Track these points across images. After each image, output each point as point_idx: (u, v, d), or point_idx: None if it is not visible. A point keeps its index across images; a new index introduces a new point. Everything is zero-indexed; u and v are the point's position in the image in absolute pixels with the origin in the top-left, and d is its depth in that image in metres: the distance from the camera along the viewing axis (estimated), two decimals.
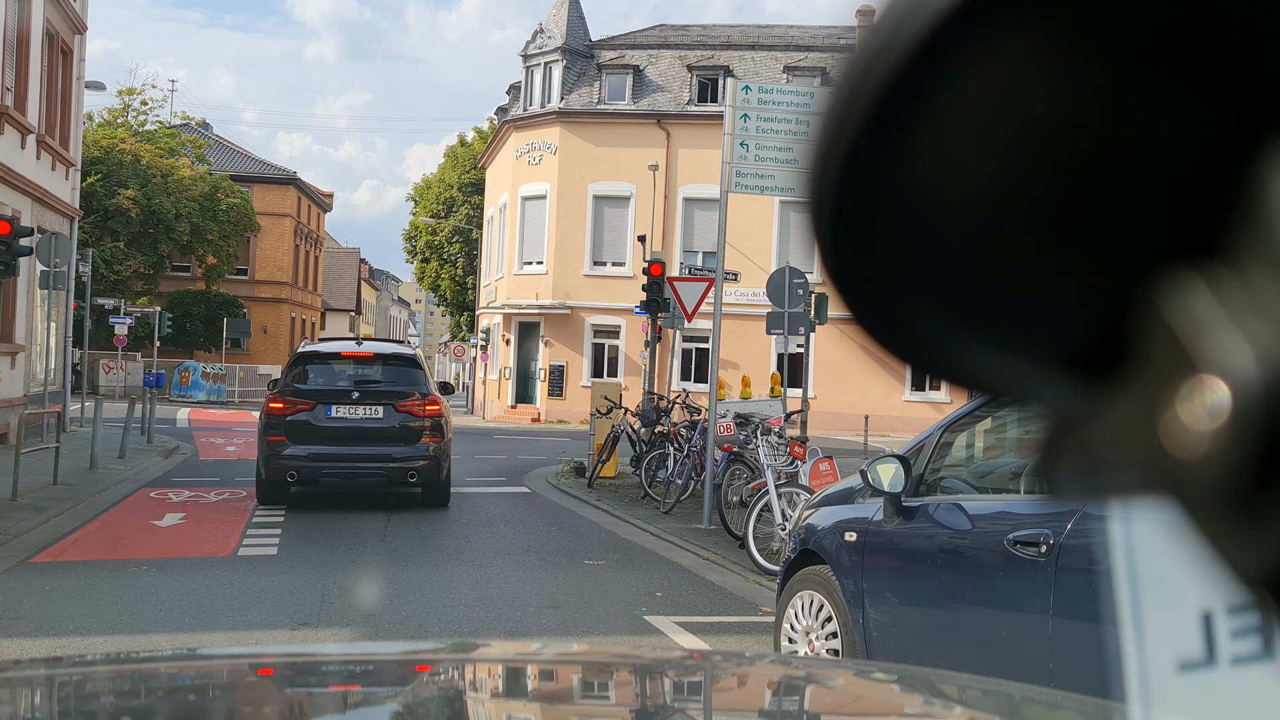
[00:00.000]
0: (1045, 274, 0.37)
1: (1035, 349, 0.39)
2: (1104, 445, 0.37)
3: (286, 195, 51.55)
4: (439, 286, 54.16)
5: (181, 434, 23.69)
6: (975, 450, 5.40)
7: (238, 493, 13.78)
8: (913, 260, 0.38)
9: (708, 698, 1.95)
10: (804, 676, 2.16)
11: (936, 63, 0.34)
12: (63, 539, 10.38)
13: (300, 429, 12.12)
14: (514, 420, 35.84)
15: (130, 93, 45.13)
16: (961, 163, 0.36)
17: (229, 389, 41.79)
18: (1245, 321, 0.33)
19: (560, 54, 36.13)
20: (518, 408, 36.70)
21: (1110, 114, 0.34)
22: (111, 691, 1.82)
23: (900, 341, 0.40)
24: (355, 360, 12.67)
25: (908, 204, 0.37)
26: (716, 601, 8.55)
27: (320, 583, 8.57)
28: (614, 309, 34.98)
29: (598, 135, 35.55)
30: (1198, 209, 0.35)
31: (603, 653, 3.15)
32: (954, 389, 0.42)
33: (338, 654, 2.66)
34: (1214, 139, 0.34)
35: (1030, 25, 0.34)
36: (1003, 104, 0.34)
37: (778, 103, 11.88)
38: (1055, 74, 0.34)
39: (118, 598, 7.99)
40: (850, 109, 0.36)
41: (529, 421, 35.31)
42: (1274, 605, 0.33)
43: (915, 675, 2.37)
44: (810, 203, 0.38)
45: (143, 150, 41.33)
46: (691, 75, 35.61)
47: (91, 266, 36.52)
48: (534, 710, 1.92)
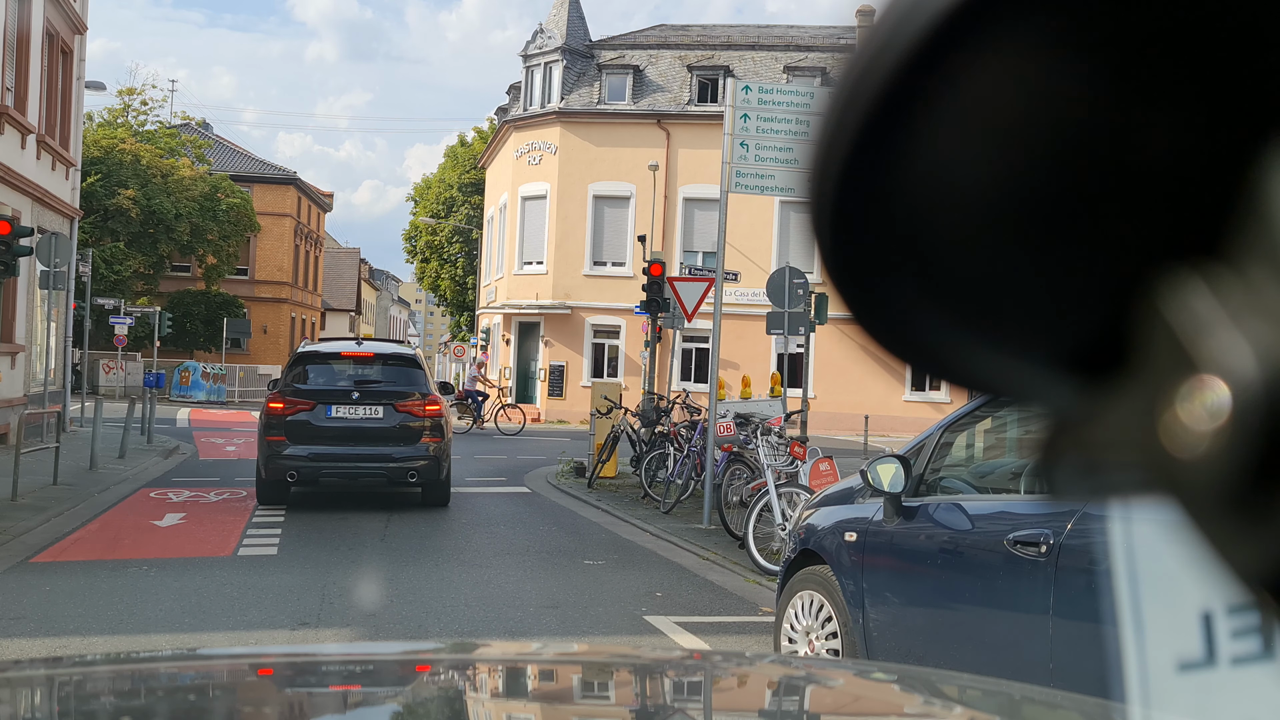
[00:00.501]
0: (1045, 274, 0.37)
1: (1035, 349, 0.39)
2: (1104, 445, 0.37)
3: (286, 195, 51.58)
4: (439, 286, 54.18)
5: (181, 434, 23.69)
6: (975, 450, 5.41)
7: (238, 493, 13.77)
8: (913, 260, 0.38)
9: (708, 698, 1.95)
10: (804, 676, 2.15)
11: (937, 63, 0.34)
12: (63, 539, 10.38)
13: (300, 429, 12.10)
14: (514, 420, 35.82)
15: (130, 93, 45.13)
16: (961, 163, 0.36)
17: (229, 389, 41.77)
18: (1245, 321, 0.32)
19: (560, 54, 36.14)
20: (518, 407, 36.67)
21: (1110, 114, 0.34)
22: (111, 691, 1.82)
23: (900, 341, 0.40)
24: (355, 360, 12.66)
25: (908, 204, 0.37)
26: (716, 601, 8.55)
27: (320, 583, 8.57)
28: (614, 309, 34.98)
29: (598, 135, 35.55)
30: (1198, 209, 0.35)
31: (603, 653, 3.15)
32: (954, 389, 0.42)
33: (338, 654, 2.66)
34: (1214, 139, 0.34)
35: (1030, 25, 0.33)
36: (1003, 104, 0.34)
37: (778, 103, 11.88)
38: (1055, 73, 0.34)
39: (118, 598, 7.99)
40: (850, 109, 0.36)
41: (529, 421, 35.29)
42: (1274, 605, 0.33)
43: (915, 675, 2.36)
44: (810, 202, 0.38)
45: (143, 150, 41.33)
46: (691, 75, 35.62)
47: (91, 266, 36.58)
48: (534, 710, 1.92)
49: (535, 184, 36.45)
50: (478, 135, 52.80)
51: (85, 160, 39.88)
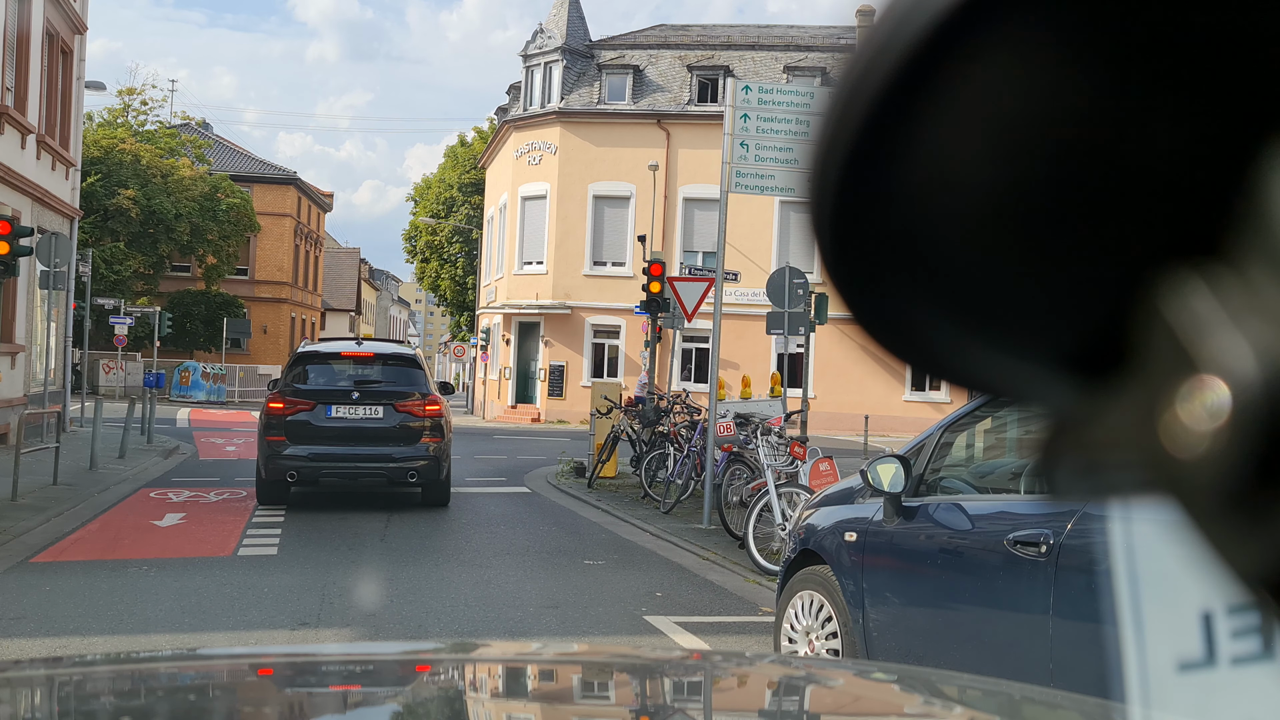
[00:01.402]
0: (1046, 274, 0.37)
1: (1035, 349, 0.39)
2: (1104, 445, 0.37)
3: (286, 195, 51.58)
4: (439, 286, 54.18)
5: (181, 434, 23.70)
6: (975, 450, 5.41)
7: (238, 493, 13.77)
8: (913, 260, 0.38)
9: (708, 698, 1.95)
10: (804, 676, 2.15)
11: (936, 63, 0.34)
12: (62, 539, 10.37)
13: (300, 429, 12.12)
14: (514, 420, 35.85)
15: (130, 93, 45.13)
16: (961, 163, 0.35)
17: (229, 389, 41.80)
18: (1245, 321, 0.32)
19: (560, 54, 36.13)
20: (518, 408, 36.71)
21: (1111, 114, 0.34)
22: (111, 691, 1.82)
23: (900, 342, 0.40)
24: (355, 360, 12.69)
25: (908, 204, 0.37)
26: (716, 601, 8.54)
27: (320, 583, 8.57)
28: (614, 309, 34.97)
29: (598, 135, 35.55)
30: (1198, 209, 0.35)
31: (603, 653, 3.15)
32: (954, 389, 0.42)
33: (338, 654, 2.66)
34: (1214, 139, 0.34)
35: (1030, 25, 0.33)
36: (1003, 104, 0.34)
37: (778, 103, 11.88)
38: (1055, 73, 0.34)
39: (117, 598, 7.99)
40: (850, 109, 0.36)
41: (529, 421, 35.32)
42: (1274, 605, 0.33)
43: (915, 675, 2.36)
44: (810, 203, 0.38)
45: (143, 150, 41.34)
46: (691, 75, 35.61)
47: (91, 266, 36.60)
48: (534, 710, 1.92)
49: (535, 184, 36.44)
50: (478, 135, 52.79)
51: (85, 160, 39.86)
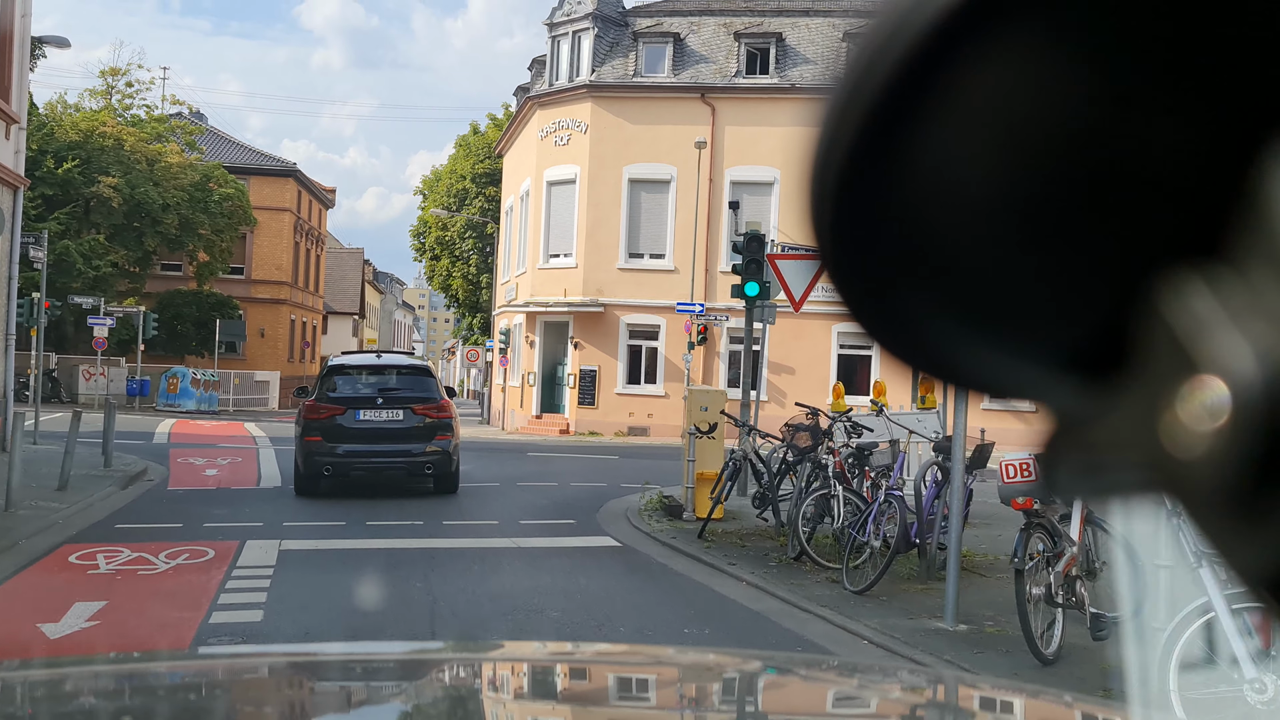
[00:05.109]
0: (1046, 274, 0.37)
1: (1036, 350, 0.39)
2: (1105, 445, 0.38)
3: (285, 188, 47.62)
4: (450, 285, 50.27)
5: (156, 452, 19.71)
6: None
7: (202, 552, 9.63)
8: (914, 262, 0.38)
9: (717, 699, 1.95)
10: (821, 679, 2.12)
11: (937, 63, 0.34)
12: None
13: (334, 430, 14.04)
14: (539, 432, 31.87)
15: (114, 73, 41.35)
16: (962, 164, 0.36)
17: (222, 397, 37.79)
18: (1245, 321, 0.33)
19: (591, 21, 32.22)
20: (543, 418, 32.71)
21: (1111, 114, 0.34)
22: (111, 691, 1.82)
23: (903, 344, 0.40)
24: (378, 371, 15.01)
25: (909, 205, 0.37)
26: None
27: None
28: (652, 306, 31.18)
29: (634, 111, 31.64)
30: (1198, 209, 0.35)
31: (608, 653, 3.05)
32: (954, 391, 0.35)
33: (338, 654, 2.51)
34: (1215, 139, 0.34)
35: (1031, 25, 0.34)
36: (1004, 105, 0.35)
37: None
38: (1056, 74, 0.34)
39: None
40: (850, 110, 0.36)
41: (556, 434, 31.35)
42: (1274, 605, 0.33)
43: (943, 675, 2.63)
44: (810, 205, 0.38)
45: (126, 134, 37.40)
46: (739, 44, 31.74)
47: (65, 257, 32.91)
48: (534, 710, 1.90)
49: (563, 167, 32.53)
50: (492, 123, 48.92)
51: (62, 145, 36.18)
